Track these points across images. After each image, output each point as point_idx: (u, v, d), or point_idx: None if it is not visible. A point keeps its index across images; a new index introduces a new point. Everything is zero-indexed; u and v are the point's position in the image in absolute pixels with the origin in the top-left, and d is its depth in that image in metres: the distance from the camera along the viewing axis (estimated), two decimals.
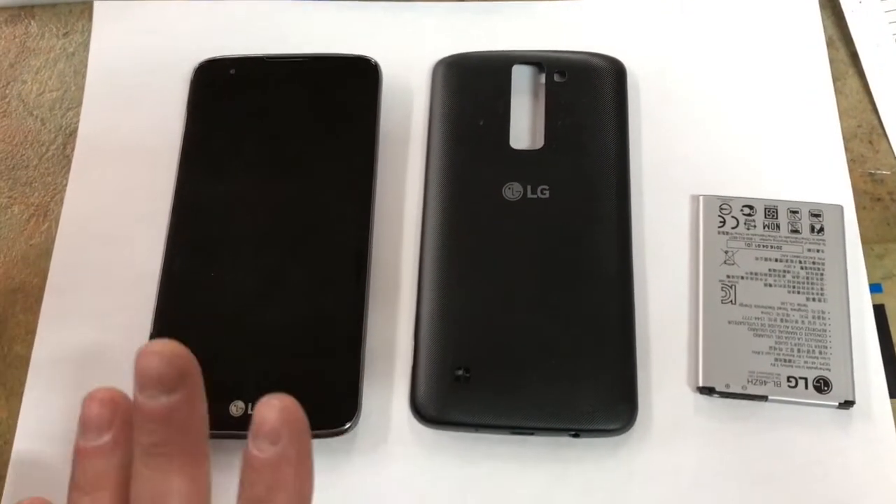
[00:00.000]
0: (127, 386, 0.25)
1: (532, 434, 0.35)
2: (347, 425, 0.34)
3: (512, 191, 0.38)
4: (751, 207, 0.38)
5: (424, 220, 0.39)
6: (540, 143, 0.40)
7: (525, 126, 0.41)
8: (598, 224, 0.38)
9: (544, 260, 0.37)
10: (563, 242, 0.37)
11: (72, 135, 0.42)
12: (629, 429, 0.34)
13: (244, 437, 0.24)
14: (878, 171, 0.41)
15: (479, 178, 0.39)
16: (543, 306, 0.36)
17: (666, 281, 0.38)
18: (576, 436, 0.34)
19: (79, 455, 0.26)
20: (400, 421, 0.36)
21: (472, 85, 0.41)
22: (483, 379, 0.35)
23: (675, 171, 0.40)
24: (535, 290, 0.37)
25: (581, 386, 0.35)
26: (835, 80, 0.42)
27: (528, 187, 0.38)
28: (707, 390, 0.35)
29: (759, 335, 0.36)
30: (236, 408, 0.34)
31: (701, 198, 0.39)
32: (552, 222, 0.38)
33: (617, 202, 0.38)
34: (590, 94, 0.41)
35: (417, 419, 0.35)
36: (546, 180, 0.39)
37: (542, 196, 0.38)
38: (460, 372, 0.35)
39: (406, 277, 0.39)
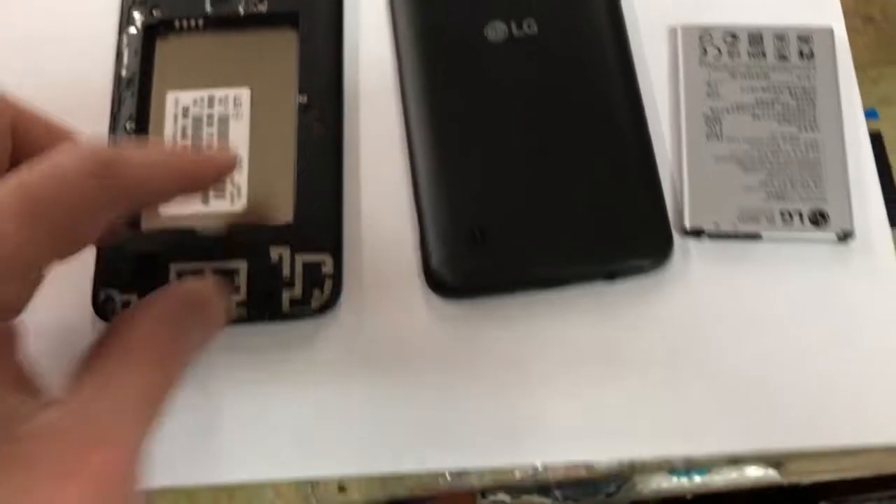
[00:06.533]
0: None
1: (565, 285, 0.32)
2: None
3: (495, 31, 0.35)
4: (733, 36, 0.35)
5: (402, 78, 0.35)
6: None
7: None
8: (596, 55, 0.34)
9: (545, 103, 0.33)
10: (563, 81, 0.34)
11: None
12: (668, 260, 0.32)
13: None
14: None
15: (455, 22, 0.35)
16: (551, 149, 0.33)
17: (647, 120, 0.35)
18: (611, 278, 0.32)
19: None
20: (411, 295, 0.32)
21: None
22: (501, 236, 0.32)
23: (650, 2, 0.36)
24: (539, 134, 0.33)
25: (610, 223, 0.32)
26: None
27: (513, 23, 0.35)
28: (695, 232, 0.32)
29: (749, 170, 0.33)
30: None
31: (679, 29, 0.35)
32: (545, 61, 0.34)
33: (612, 30, 0.35)
34: None
35: (437, 291, 0.32)
36: (531, 12, 0.35)
37: (530, 31, 0.35)
38: (476, 234, 0.32)
39: (388, 142, 0.35)
